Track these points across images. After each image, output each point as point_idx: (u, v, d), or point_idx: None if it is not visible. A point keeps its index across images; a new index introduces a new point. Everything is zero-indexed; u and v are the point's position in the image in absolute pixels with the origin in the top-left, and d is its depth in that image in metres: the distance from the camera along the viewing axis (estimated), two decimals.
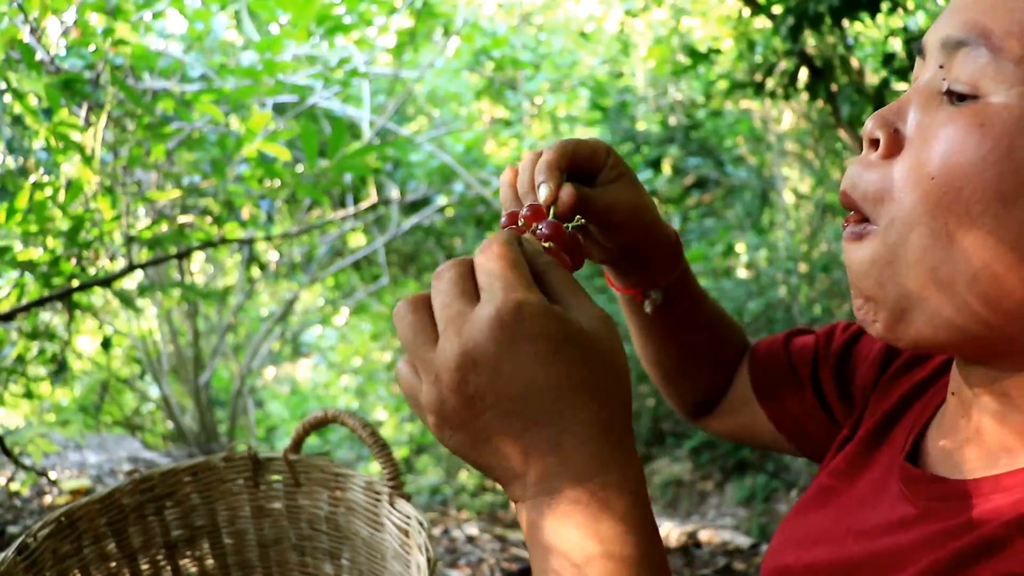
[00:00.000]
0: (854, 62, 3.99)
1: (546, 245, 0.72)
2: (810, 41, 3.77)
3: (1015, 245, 0.62)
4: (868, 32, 4.25)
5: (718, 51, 4.50)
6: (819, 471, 0.97)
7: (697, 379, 1.17)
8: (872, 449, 0.88)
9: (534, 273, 0.66)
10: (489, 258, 0.64)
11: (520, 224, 0.80)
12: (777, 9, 3.65)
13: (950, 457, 0.75)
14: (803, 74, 3.82)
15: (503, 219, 0.81)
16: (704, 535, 3.18)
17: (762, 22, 4.23)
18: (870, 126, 0.71)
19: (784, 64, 3.86)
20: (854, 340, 1.05)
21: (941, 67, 0.67)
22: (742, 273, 6.02)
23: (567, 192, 0.82)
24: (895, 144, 0.69)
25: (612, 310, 4.29)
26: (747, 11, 3.97)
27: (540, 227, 0.75)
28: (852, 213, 0.73)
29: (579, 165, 0.88)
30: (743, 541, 3.26)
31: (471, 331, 0.61)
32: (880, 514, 0.76)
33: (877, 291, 0.71)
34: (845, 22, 3.51)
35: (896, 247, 0.68)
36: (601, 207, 0.89)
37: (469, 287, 0.64)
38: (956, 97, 0.65)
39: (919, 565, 0.64)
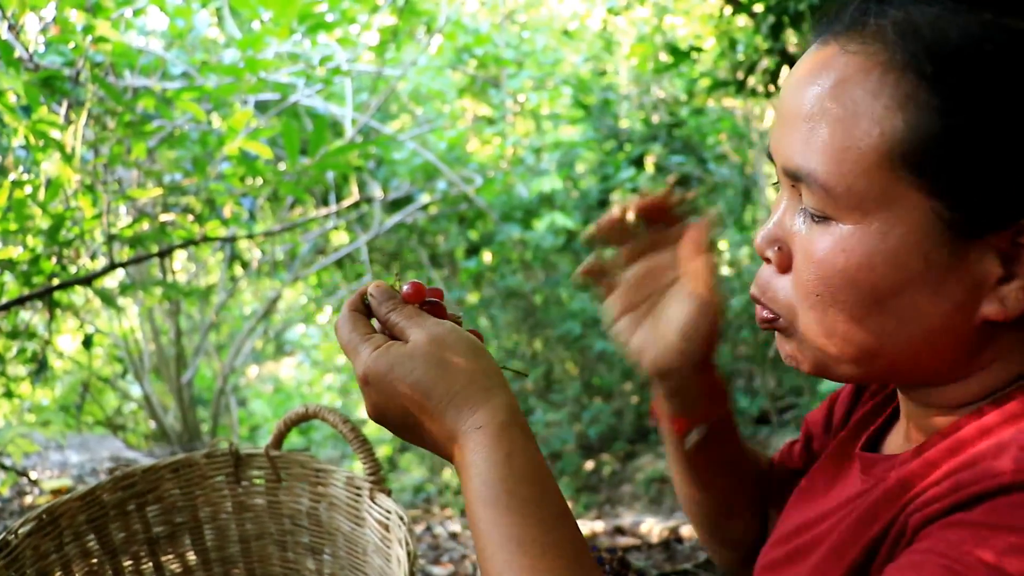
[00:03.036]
0: None
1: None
2: (791, 39, 3.79)
3: (897, 331, 0.74)
4: None
5: (700, 49, 4.52)
6: (805, 475, 1.01)
7: (740, 525, 1.16)
8: (846, 451, 0.95)
9: (383, 319, 0.86)
10: (338, 337, 0.87)
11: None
12: (758, 7, 3.67)
13: (899, 445, 0.87)
14: (784, 72, 3.83)
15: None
16: (685, 530, 3.19)
17: (744, 20, 4.25)
18: (761, 245, 0.82)
19: (766, 62, 3.88)
20: (831, 405, 1.10)
21: (793, 186, 0.78)
22: (724, 270, 6.04)
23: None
24: (786, 260, 0.80)
25: None
26: (729, 9, 3.98)
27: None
28: (760, 310, 0.85)
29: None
30: None
31: (364, 395, 0.83)
32: (843, 493, 0.87)
33: (796, 353, 0.83)
34: None
35: (803, 338, 0.80)
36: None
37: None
38: (816, 217, 0.75)
39: (853, 514, 0.78)
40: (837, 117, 0.72)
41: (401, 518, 1.15)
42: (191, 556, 1.37)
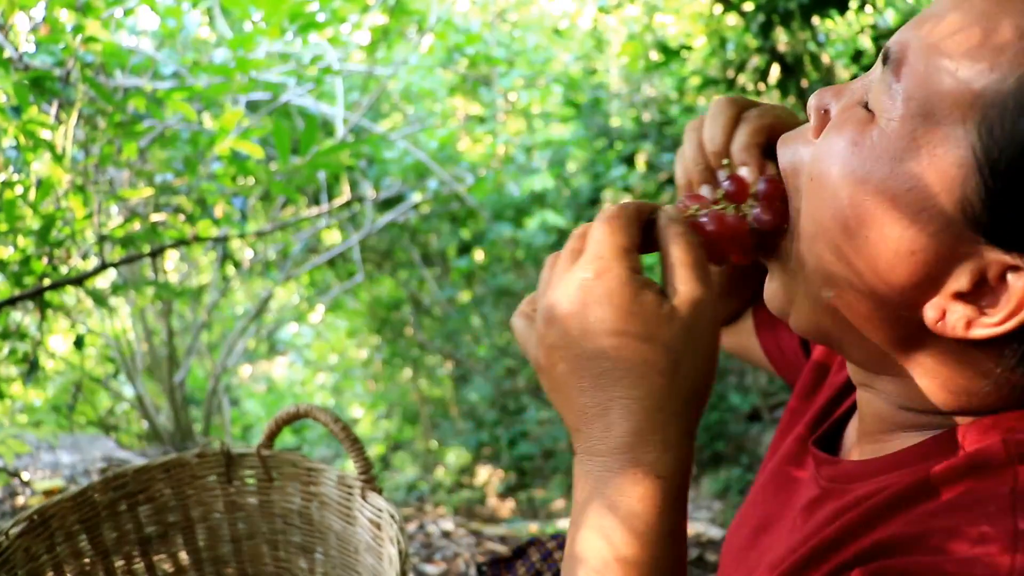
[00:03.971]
0: (824, 59, 4.02)
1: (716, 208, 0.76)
2: (781, 38, 3.80)
3: (853, 266, 0.68)
4: (838, 29, 4.28)
5: (690, 48, 4.53)
6: (775, 444, 1.01)
7: (726, 303, 1.16)
8: (808, 440, 0.93)
9: (659, 243, 0.72)
10: (599, 224, 0.70)
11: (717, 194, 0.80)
12: (748, 6, 3.68)
13: (853, 445, 0.84)
14: (774, 70, 3.85)
15: (704, 190, 0.81)
16: None
17: (734, 19, 4.26)
18: (812, 103, 0.76)
19: (755, 61, 3.89)
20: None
21: (883, 64, 0.70)
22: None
23: (771, 185, 0.80)
24: (822, 124, 0.73)
25: None
26: (719, 8, 4.00)
27: (756, 211, 0.77)
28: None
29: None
30: (716, 533, 3.30)
31: (557, 287, 0.69)
32: (803, 497, 0.83)
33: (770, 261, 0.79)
34: (815, 19, 3.54)
35: (800, 229, 0.74)
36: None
37: (580, 247, 0.71)
38: (865, 105, 0.69)
39: (811, 542, 0.72)
40: (969, 28, 0.63)
41: (393, 516, 1.15)
42: (183, 556, 1.37)
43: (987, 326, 0.64)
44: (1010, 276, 0.63)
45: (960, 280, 0.65)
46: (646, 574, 0.65)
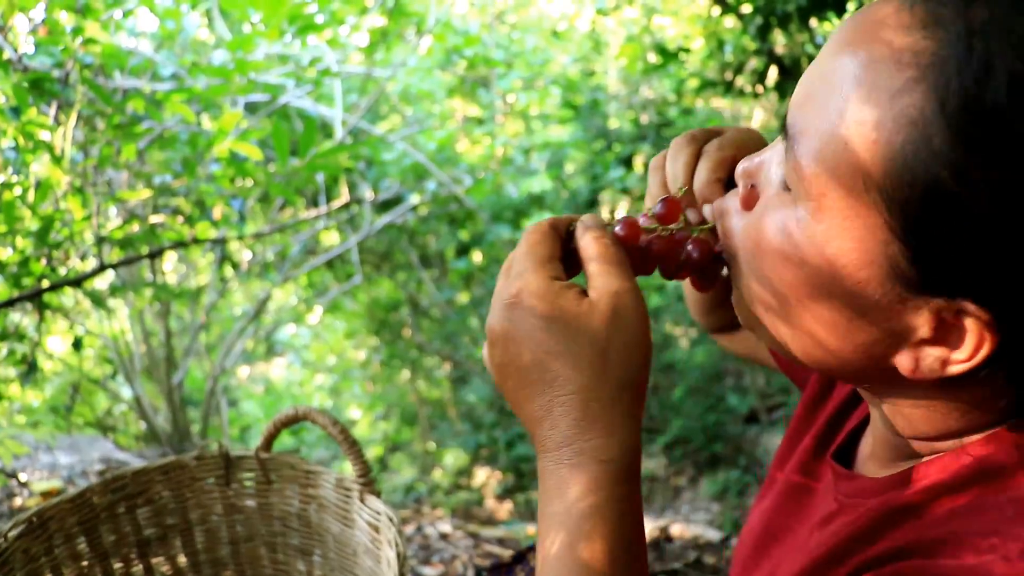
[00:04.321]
0: None
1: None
2: (779, 40, 3.81)
3: (817, 327, 0.70)
4: None
5: (688, 50, 4.54)
6: (785, 449, 1.01)
7: (728, 311, 1.18)
8: (826, 446, 0.94)
9: (579, 243, 0.76)
10: (520, 242, 0.76)
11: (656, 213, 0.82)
12: (746, 8, 3.68)
13: (869, 455, 0.84)
14: (772, 73, 3.85)
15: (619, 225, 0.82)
16: (676, 529, 3.21)
17: (732, 21, 4.26)
18: (739, 173, 0.77)
19: (753, 63, 3.90)
20: None
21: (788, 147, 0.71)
22: None
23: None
24: (751, 199, 0.75)
25: None
26: (717, 10, 4.00)
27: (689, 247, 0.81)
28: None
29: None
30: (713, 535, 3.30)
31: (492, 310, 0.74)
32: (819, 511, 0.84)
33: (736, 299, 0.81)
34: (813, 21, 3.55)
35: (738, 284, 0.78)
36: None
37: (509, 267, 0.76)
38: (784, 185, 0.71)
39: (813, 556, 0.74)
40: (848, 99, 0.64)
41: (391, 519, 1.15)
42: (181, 558, 1.38)
43: (961, 362, 0.65)
44: (964, 319, 0.64)
45: (921, 330, 0.65)
46: (601, 554, 0.67)
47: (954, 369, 0.65)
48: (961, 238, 0.60)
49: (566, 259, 0.77)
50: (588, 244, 0.75)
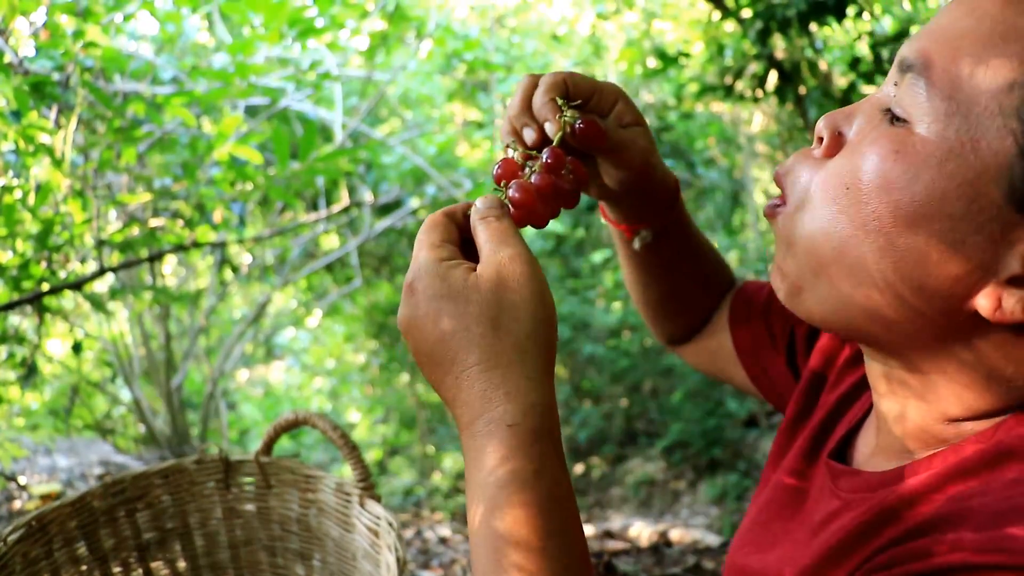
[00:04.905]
0: (822, 65, 4.03)
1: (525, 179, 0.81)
2: (779, 45, 3.81)
3: (895, 267, 0.70)
4: (836, 36, 4.30)
5: (687, 54, 4.54)
6: (769, 468, 1.01)
7: (682, 313, 1.20)
8: (818, 448, 0.93)
9: (472, 229, 0.78)
10: (422, 227, 0.78)
11: (513, 158, 0.86)
12: (746, 13, 3.69)
13: (871, 454, 0.84)
14: (772, 77, 3.86)
15: (496, 167, 0.84)
16: (675, 534, 3.21)
17: (732, 26, 4.27)
18: (820, 124, 0.78)
19: (753, 67, 3.90)
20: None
21: (896, 84, 0.72)
22: None
23: (588, 121, 0.86)
24: (835, 146, 0.76)
25: None
26: (717, 15, 4.01)
27: (544, 154, 0.83)
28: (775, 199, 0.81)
29: (581, 101, 0.90)
30: (713, 540, 3.29)
31: (400, 305, 0.75)
32: (819, 511, 0.83)
33: (782, 263, 0.80)
34: (813, 26, 3.55)
35: (797, 233, 0.77)
36: (616, 143, 0.92)
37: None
38: (893, 117, 0.71)
39: (828, 543, 0.74)
40: (988, 30, 0.67)
41: (391, 524, 1.15)
42: (181, 562, 1.38)
43: None
44: None
45: (1012, 265, 0.66)
46: (521, 520, 0.67)
47: None
48: None
49: (466, 246, 0.79)
50: (477, 225, 0.77)
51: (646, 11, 6.14)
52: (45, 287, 2.42)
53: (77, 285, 2.52)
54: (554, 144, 0.85)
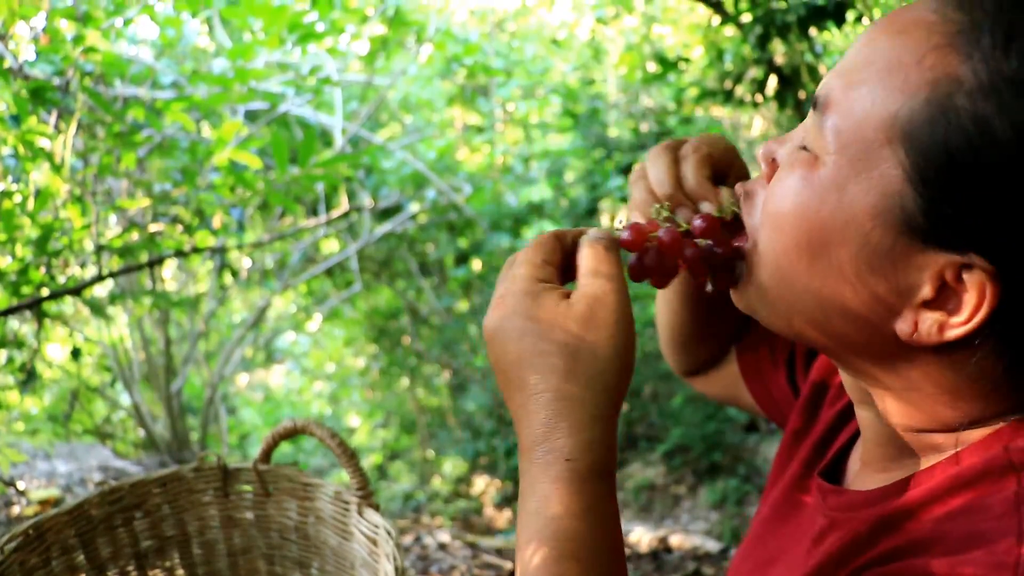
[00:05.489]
0: (822, 70, 4.03)
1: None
2: (778, 49, 3.81)
3: (822, 289, 0.73)
4: (835, 41, 4.30)
5: (687, 59, 4.55)
6: (771, 483, 1.01)
7: (703, 348, 1.23)
8: (815, 464, 0.95)
9: (579, 249, 0.78)
10: (524, 248, 0.78)
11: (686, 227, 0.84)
12: (746, 18, 3.69)
13: (858, 472, 0.86)
14: (772, 82, 3.86)
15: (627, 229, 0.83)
16: (675, 540, 3.20)
17: (731, 31, 4.27)
18: (761, 152, 0.82)
19: (753, 72, 3.90)
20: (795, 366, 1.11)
21: (814, 111, 0.76)
22: None
23: (728, 211, 0.86)
24: (772, 172, 0.79)
25: None
26: (716, 20, 4.01)
27: (698, 222, 0.83)
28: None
29: (723, 171, 0.94)
30: (712, 546, 3.29)
31: (489, 311, 0.76)
32: (812, 530, 0.85)
33: (741, 276, 0.82)
34: (812, 31, 3.56)
35: (752, 253, 0.79)
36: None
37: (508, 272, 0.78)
38: (807, 148, 0.75)
39: (808, 566, 0.76)
40: (877, 64, 0.70)
41: (389, 533, 1.15)
42: (179, 571, 1.37)
43: (958, 326, 0.68)
44: (965, 275, 0.67)
45: (924, 290, 0.68)
46: (570, 549, 0.68)
47: (952, 333, 0.68)
48: (974, 190, 0.65)
49: (568, 270, 0.79)
50: (584, 254, 0.77)
51: (646, 16, 6.15)
52: (44, 292, 2.42)
53: (77, 290, 2.52)
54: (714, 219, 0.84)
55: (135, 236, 2.72)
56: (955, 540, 0.65)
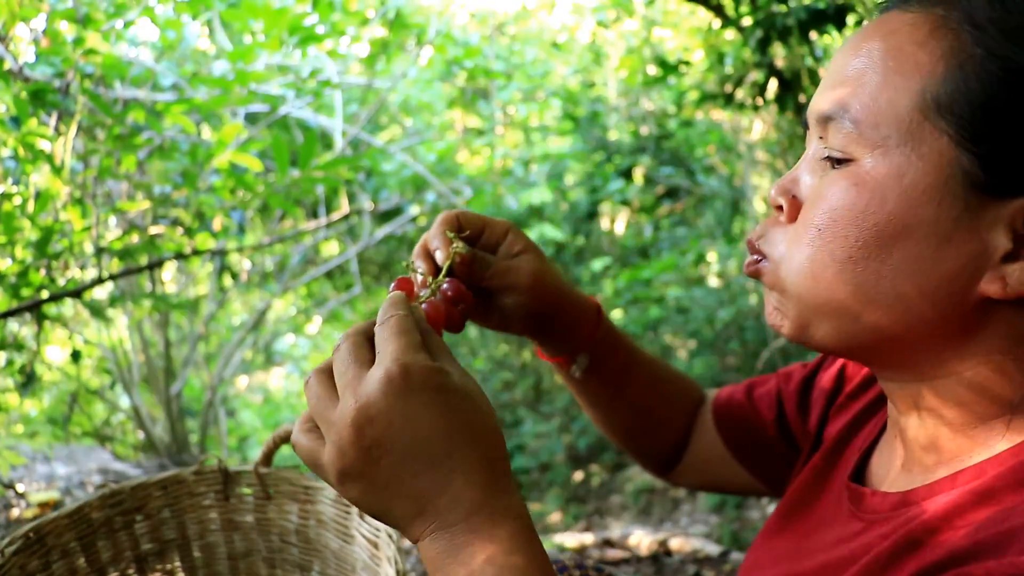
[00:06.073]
0: (822, 73, 4.02)
1: (428, 303, 0.87)
2: (779, 53, 3.81)
3: (895, 282, 0.72)
4: (836, 45, 4.30)
5: (687, 62, 4.55)
6: (784, 496, 1.01)
7: (651, 435, 1.23)
8: (827, 472, 0.94)
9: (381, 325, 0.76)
10: (384, 326, 0.75)
11: (420, 281, 0.95)
12: (747, 21, 3.69)
13: (889, 474, 0.84)
14: (772, 85, 3.86)
15: (393, 284, 0.89)
16: (675, 543, 3.19)
17: (732, 34, 4.27)
18: (773, 194, 0.82)
19: (754, 76, 3.90)
20: (812, 375, 1.11)
21: (821, 138, 0.77)
22: (713, 282, 6.06)
23: (461, 249, 0.93)
24: (796, 207, 0.80)
25: None
26: (717, 23, 4.01)
27: (444, 285, 0.90)
28: (751, 256, 0.84)
29: (472, 234, 0.99)
30: (713, 549, 3.28)
31: (364, 389, 0.70)
32: (833, 532, 0.84)
33: (780, 307, 0.81)
34: (813, 35, 3.55)
35: (787, 281, 0.80)
36: (501, 269, 0.99)
37: (363, 354, 0.74)
38: (835, 162, 0.75)
39: (858, 564, 0.73)
40: (879, 61, 0.73)
41: (390, 536, 1.15)
42: (180, 574, 1.37)
43: None
44: None
45: (1001, 244, 0.69)
46: None
47: None
48: (1018, 132, 0.67)
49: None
50: (426, 333, 0.78)
51: (646, 19, 6.15)
52: (44, 294, 2.42)
53: (76, 292, 2.51)
54: (443, 272, 0.92)
55: (135, 238, 2.72)
56: (1011, 542, 0.63)
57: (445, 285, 0.90)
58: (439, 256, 0.94)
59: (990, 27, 0.68)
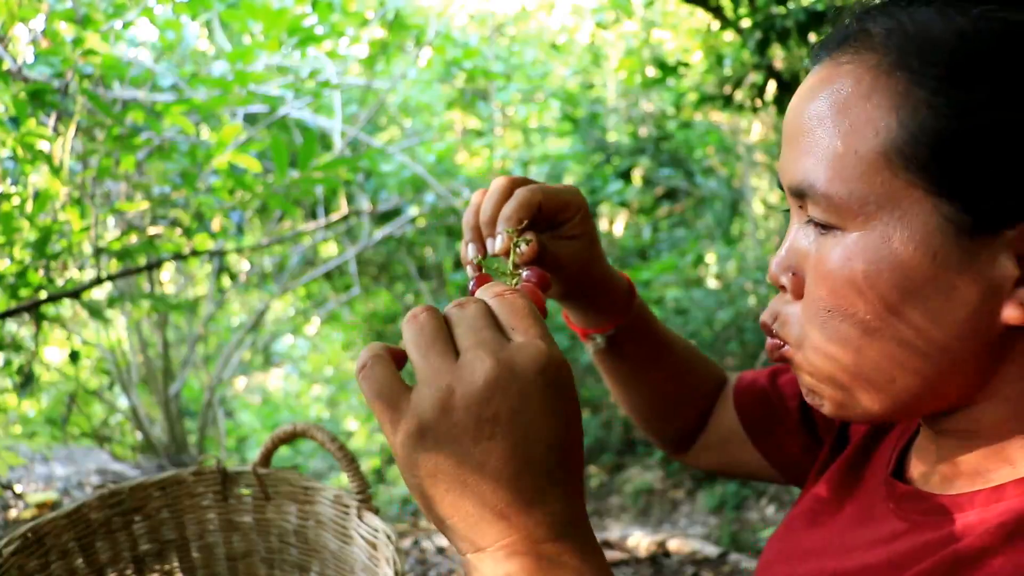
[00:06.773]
0: None
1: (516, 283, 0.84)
2: (778, 55, 3.82)
3: (919, 337, 0.71)
4: None
5: (687, 64, 4.55)
6: (806, 488, 1.00)
7: (671, 417, 1.21)
8: (859, 467, 0.93)
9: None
10: (516, 304, 0.68)
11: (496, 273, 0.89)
12: (746, 23, 3.70)
13: (931, 475, 0.82)
14: (771, 87, 3.86)
15: (470, 250, 0.87)
16: (673, 544, 3.20)
17: (731, 36, 4.28)
18: (774, 272, 0.80)
19: (752, 77, 3.91)
20: None
21: (800, 207, 0.76)
22: (712, 283, 6.07)
23: (529, 247, 0.88)
24: (798, 285, 0.78)
25: None
26: (716, 25, 4.01)
27: (525, 272, 0.86)
28: (771, 339, 0.83)
29: (545, 216, 0.93)
30: (711, 550, 3.28)
31: (512, 359, 0.63)
32: (871, 530, 0.82)
33: (814, 388, 0.80)
34: (812, 36, 3.56)
35: (815, 364, 0.77)
36: (551, 261, 0.95)
37: (495, 324, 0.66)
38: (822, 227, 0.74)
39: (908, 573, 0.70)
40: (831, 125, 0.71)
41: (389, 537, 1.15)
42: (178, 575, 1.37)
43: None
44: None
45: (1008, 272, 0.68)
46: None
47: None
48: (994, 165, 0.65)
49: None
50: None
51: (646, 20, 6.15)
52: (43, 295, 2.42)
53: (75, 293, 2.51)
54: (511, 258, 0.87)
55: (134, 239, 2.72)
56: None
57: (526, 272, 0.86)
58: (498, 243, 0.89)
59: (921, 65, 0.67)
